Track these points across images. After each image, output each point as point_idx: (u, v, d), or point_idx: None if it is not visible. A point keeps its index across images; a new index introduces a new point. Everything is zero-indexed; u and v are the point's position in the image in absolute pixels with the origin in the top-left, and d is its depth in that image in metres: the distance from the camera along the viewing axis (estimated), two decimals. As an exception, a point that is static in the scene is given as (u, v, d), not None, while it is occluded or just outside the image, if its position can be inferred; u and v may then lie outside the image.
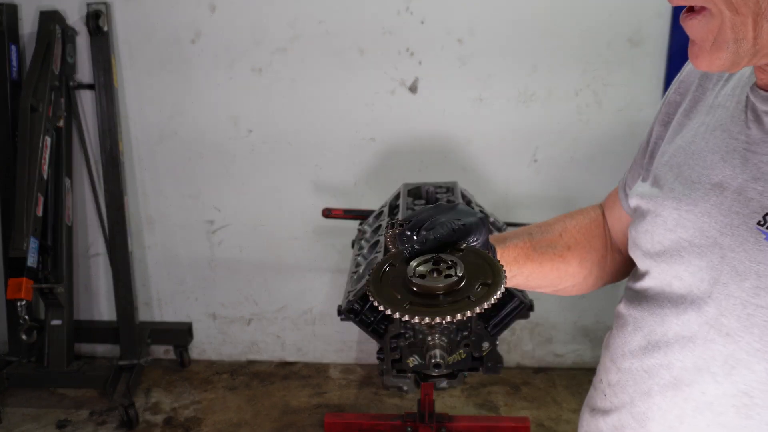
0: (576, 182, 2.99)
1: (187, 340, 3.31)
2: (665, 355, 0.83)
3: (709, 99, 0.88)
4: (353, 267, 2.10)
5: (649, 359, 0.85)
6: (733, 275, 0.75)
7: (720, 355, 0.77)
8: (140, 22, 2.96)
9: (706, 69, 0.75)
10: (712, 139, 0.83)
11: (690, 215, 0.81)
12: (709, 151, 0.82)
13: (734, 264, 0.75)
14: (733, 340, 0.75)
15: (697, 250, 0.79)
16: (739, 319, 0.75)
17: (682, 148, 0.87)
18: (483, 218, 0.88)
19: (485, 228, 0.87)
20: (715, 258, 0.77)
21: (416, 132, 2.99)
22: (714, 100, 0.86)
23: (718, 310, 0.77)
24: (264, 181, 3.12)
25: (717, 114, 0.84)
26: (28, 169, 2.72)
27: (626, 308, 0.94)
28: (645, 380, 0.86)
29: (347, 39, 2.90)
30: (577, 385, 3.12)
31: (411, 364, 1.92)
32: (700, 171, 0.82)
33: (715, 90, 0.88)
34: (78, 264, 3.23)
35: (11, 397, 3.10)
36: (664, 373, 0.83)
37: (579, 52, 2.84)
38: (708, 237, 0.78)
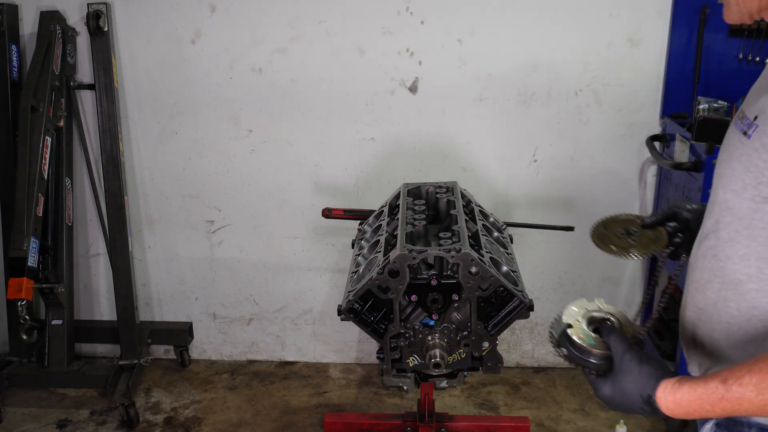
0: (576, 182, 2.99)
1: (187, 340, 3.32)
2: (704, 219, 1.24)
3: None
4: (353, 267, 2.10)
5: None
6: (722, 153, 1.18)
7: (711, 199, 1.19)
8: (140, 22, 2.97)
9: (727, 21, 1.19)
10: None
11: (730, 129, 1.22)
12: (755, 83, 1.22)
13: (724, 144, 1.19)
14: (713, 187, 1.18)
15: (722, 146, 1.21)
16: (716, 171, 1.18)
17: None
18: None
19: None
20: (723, 146, 1.20)
21: (416, 132, 3.00)
22: None
23: (715, 175, 1.19)
24: (264, 181, 3.13)
25: None
26: (28, 169, 2.73)
27: None
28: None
29: (347, 39, 2.90)
30: (577, 385, 3.12)
31: (411, 364, 1.92)
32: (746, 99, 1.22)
33: None
34: (78, 264, 3.23)
35: (12, 396, 3.10)
36: (705, 221, 1.22)
37: (579, 52, 2.84)
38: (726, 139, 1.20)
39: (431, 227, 2.11)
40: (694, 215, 1.40)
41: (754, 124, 1.08)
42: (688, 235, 1.40)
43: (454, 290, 1.85)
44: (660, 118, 2.88)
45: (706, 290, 1.18)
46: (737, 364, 1.00)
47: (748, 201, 1.09)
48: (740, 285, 1.11)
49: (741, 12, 1.17)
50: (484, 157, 3.00)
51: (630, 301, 3.15)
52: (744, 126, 1.11)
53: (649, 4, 2.76)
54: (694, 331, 1.22)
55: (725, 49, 2.73)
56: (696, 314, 1.21)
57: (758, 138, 1.06)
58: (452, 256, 1.78)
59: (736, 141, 1.13)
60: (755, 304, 1.09)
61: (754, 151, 1.07)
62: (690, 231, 1.41)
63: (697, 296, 1.21)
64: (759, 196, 1.07)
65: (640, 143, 2.90)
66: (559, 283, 3.16)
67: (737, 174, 1.11)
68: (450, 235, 1.89)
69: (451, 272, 1.86)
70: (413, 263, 1.79)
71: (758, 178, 1.06)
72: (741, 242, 1.11)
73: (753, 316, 1.10)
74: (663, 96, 2.85)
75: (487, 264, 1.81)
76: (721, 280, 1.14)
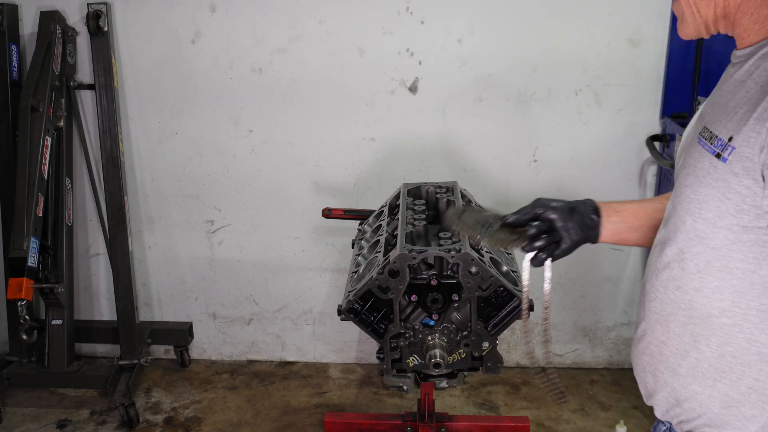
0: (576, 182, 2.99)
1: (187, 340, 3.32)
2: (658, 233, 1.18)
3: None
4: (353, 267, 2.10)
5: (656, 238, 1.19)
6: (682, 168, 1.11)
7: (672, 225, 1.10)
8: (140, 22, 2.97)
9: (683, 37, 1.20)
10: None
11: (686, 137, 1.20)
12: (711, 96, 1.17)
13: (684, 160, 1.11)
14: (676, 212, 1.10)
15: (680, 158, 1.16)
16: (677, 196, 1.09)
17: None
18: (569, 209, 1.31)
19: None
20: (683, 158, 1.13)
21: (416, 132, 3.00)
22: None
23: (674, 192, 1.12)
24: (264, 181, 3.13)
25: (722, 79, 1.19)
26: (28, 169, 2.72)
27: None
28: (650, 254, 1.20)
29: (347, 39, 2.90)
30: (577, 385, 3.12)
31: (411, 364, 1.93)
32: (700, 108, 1.19)
33: None
34: (78, 264, 3.23)
35: (11, 396, 3.10)
36: (657, 246, 1.16)
37: (579, 52, 2.84)
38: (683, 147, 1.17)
39: (431, 227, 2.11)
40: (560, 215, 1.27)
41: (729, 146, 0.99)
42: (552, 237, 1.27)
43: (454, 290, 1.85)
44: (660, 118, 2.88)
45: (669, 323, 1.11)
46: None
47: (724, 230, 1.01)
48: (710, 319, 1.05)
49: (697, 24, 1.13)
50: (484, 157, 3.00)
51: (630, 301, 3.15)
52: (715, 147, 1.02)
53: (649, 4, 2.76)
54: (656, 366, 1.15)
55: (725, 49, 2.70)
56: (658, 348, 1.14)
57: (737, 162, 0.98)
58: (452, 256, 1.78)
59: (707, 164, 1.02)
60: (728, 340, 1.04)
61: (734, 176, 0.98)
62: (554, 232, 1.27)
63: (657, 329, 1.13)
64: (738, 225, 0.99)
65: (640, 143, 2.90)
66: (559, 283, 3.16)
67: (711, 201, 1.02)
68: (450, 235, 1.89)
69: (451, 272, 1.86)
70: (413, 263, 1.79)
71: (739, 205, 0.99)
72: (713, 274, 1.04)
73: (725, 353, 1.04)
74: (663, 96, 2.85)
75: (487, 264, 1.81)
76: (687, 313, 1.08)
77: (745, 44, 1.07)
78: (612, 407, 2.96)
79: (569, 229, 1.28)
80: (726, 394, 1.06)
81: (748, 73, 1.03)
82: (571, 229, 1.28)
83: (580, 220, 1.28)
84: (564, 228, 1.27)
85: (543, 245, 1.28)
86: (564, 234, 1.27)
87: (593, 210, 1.31)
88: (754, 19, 1.05)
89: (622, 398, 3.01)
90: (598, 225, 1.30)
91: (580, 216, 1.29)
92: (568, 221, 1.28)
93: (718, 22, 1.11)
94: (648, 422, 2.83)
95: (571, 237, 1.28)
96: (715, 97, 1.11)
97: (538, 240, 1.28)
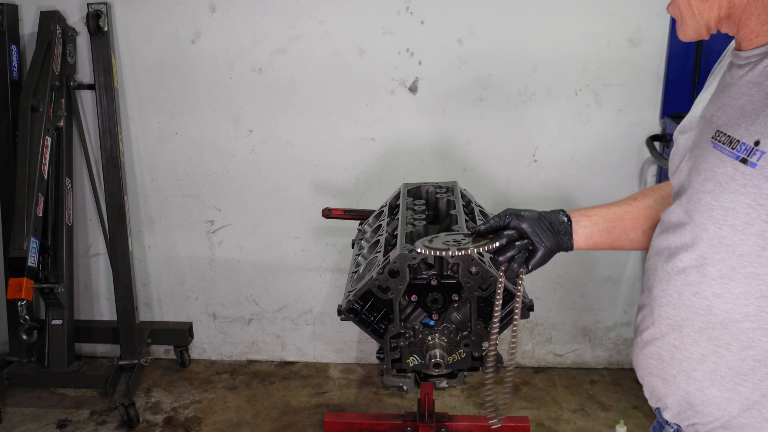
0: (576, 182, 2.99)
1: (187, 340, 3.32)
2: (666, 239, 1.14)
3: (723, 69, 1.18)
4: (353, 267, 2.10)
5: (659, 243, 1.17)
6: (695, 173, 1.08)
7: (688, 232, 1.08)
8: (140, 22, 2.97)
9: (682, 39, 1.16)
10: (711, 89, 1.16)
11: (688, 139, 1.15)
12: (707, 95, 1.15)
13: (696, 165, 1.08)
14: (692, 219, 1.07)
15: (685, 161, 1.13)
16: (694, 203, 1.07)
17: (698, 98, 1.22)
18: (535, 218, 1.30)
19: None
20: (691, 163, 1.10)
21: (416, 132, 3.00)
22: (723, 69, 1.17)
23: (687, 199, 1.09)
24: (264, 181, 3.13)
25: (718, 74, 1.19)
26: (28, 169, 2.72)
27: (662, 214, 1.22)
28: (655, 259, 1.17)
29: (347, 39, 2.90)
30: (576, 385, 3.12)
31: (411, 364, 1.93)
32: (699, 109, 1.16)
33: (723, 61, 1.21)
34: (78, 264, 3.23)
35: (11, 396, 3.10)
36: (664, 252, 1.14)
37: (579, 52, 2.84)
38: (690, 150, 1.12)
39: (431, 227, 2.11)
40: (529, 222, 1.27)
41: (758, 150, 0.97)
42: (524, 246, 1.27)
43: (454, 290, 1.85)
44: (660, 118, 2.88)
45: (683, 328, 1.10)
46: None
47: (755, 237, 0.99)
48: (733, 324, 1.04)
49: (697, 26, 1.11)
50: (484, 157, 3.00)
51: (630, 301, 3.15)
52: (739, 152, 0.99)
53: (649, 4, 2.76)
54: (666, 371, 1.14)
55: (725, 49, 2.72)
56: (669, 353, 1.13)
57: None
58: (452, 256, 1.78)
59: (730, 170, 1.00)
60: (752, 344, 1.03)
61: (766, 181, 0.96)
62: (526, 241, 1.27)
63: (670, 334, 1.13)
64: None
65: (640, 143, 2.90)
66: (559, 283, 3.16)
67: (739, 207, 1.00)
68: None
69: (451, 272, 1.86)
70: (413, 263, 1.79)
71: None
72: (737, 280, 1.02)
73: (748, 356, 1.04)
74: (663, 96, 2.85)
75: (487, 264, 1.81)
76: (705, 318, 1.07)
77: (752, 45, 1.05)
78: (612, 407, 2.96)
79: (540, 236, 1.27)
80: (747, 396, 1.05)
81: (764, 75, 1.01)
82: (542, 236, 1.27)
83: (549, 226, 1.29)
84: (534, 234, 1.27)
85: (514, 254, 1.26)
86: (535, 240, 1.27)
87: (563, 216, 1.31)
88: (762, 20, 1.03)
89: (622, 398, 3.01)
90: (569, 230, 1.31)
91: (549, 222, 1.29)
92: (536, 227, 1.27)
93: (721, 23, 1.09)
94: (648, 422, 2.83)
95: (543, 244, 1.28)
96: (723, 99, 1.08)
97: (509, 249, 1.26)
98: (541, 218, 1.29)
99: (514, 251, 1.26)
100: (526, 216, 1.28)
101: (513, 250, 1.26)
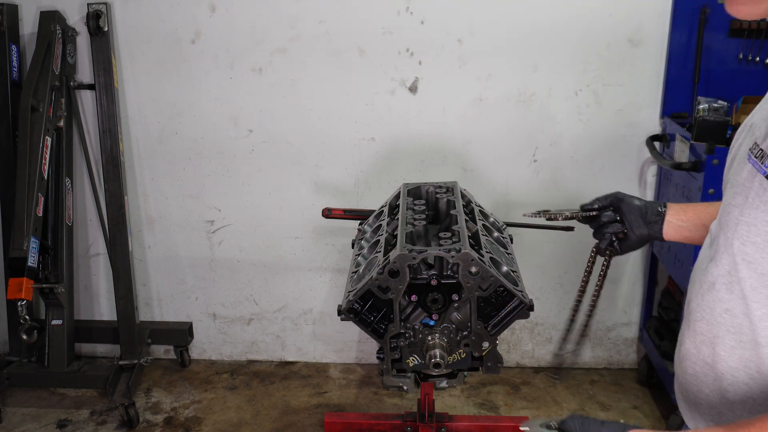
0: (576, 182, 2.99)
1: (187, 340, 3.32)
2: (703, 250, 1.15)
3: None
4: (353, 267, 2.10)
5: (701, 254, 1.17)
6: (729, 185, 1.06)
7: (721, 245, 1.05)
8: (140, 22, 2.96)
9: (736, 15, 0.97)
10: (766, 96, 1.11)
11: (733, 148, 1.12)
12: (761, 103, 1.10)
13: (732, 177, 1.06)
14: (722, 232, 1.05)
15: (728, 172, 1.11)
16: (725, 215, 1.04)
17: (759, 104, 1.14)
18: None
19: None
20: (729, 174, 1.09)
21: (416, 132, 3.00)
22: None
23: (722, 210, 1.07)
24: (264, 181, 3.12)
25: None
26: (28, 169, 2.73)
27: None
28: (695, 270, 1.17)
29: (347, 39, 2.90)
30: (576, 385, 3.12)
31: (411, 364, 1.92)
32: (748, 118, 1.11)
33: None
34: (78, 264, 3.23)
35: (11, 396, 3.10)
36: (702, 263, 1.13)
37: (579, 52, 2.84)
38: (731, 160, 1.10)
39: (431, 227, 2.11)
40: (628, 210, 1.42)
41: None
42: (617, 227, 1.43)
43: (454, 290, 1.85)
44: (660, 118, 2.88)
45: (716, 346, 1.06)
46: (742, 422, 0.92)
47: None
48: (759, 348, 0.99)
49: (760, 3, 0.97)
50: (484, 157, 3.00)
51: (630, 301, 3.15)
52: (766, 168, 0.94)
53: (649, 4, 2.76)
54: (699, 388, 1.10)
55: (725, 49, 2.73)
56: (702, 370, 1.09)
57: None
58: (452, 256, 1.78)
59: (757, 185, 0.95)
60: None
61: None
62: (622, 224, 1.43)
63: (703, 350, 1.08)
64: None
65: (640, 143, 2.90)
66: (559, 283, 3.16)
67: (761, 225, 0.95)
68: (450, 235, 1.89)
69: (451, 272, 1.86)
70: (413, 263, 1.79)
71: None
72: (760, 301, 0.98)
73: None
74: (663, 96, 2.85)
75: (487, 264, 1.81)
76: (736, 338, 1.02)
77: None
78: (612, 407, 2.96)
79: (632, 223, 1.40)
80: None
81: None
82: (634, 224, 1.40)
83: (645, 215, 1.40)
84: (628, 221, 1.40)
85: (614, 231, 1.42)
86: (628, 226, 1.40)
87: (660, 208, 1.40)
88: None
89: (622, 398, 3.01)
90: (661, 221, 1.39)
91: (645, 212, 1.40)
92: (632, 215, 1.40)
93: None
94: (648, 422, 2.83)
95: (634, 231, 1.40)
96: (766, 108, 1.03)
97: (610, 226, 1.43)
98: (640, 207, 1.40)
99: (612, 229, 1.42)
100: (626, 201, 1.42)
101: (609, 228, 1.43)
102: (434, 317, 1.88)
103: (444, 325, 1.88)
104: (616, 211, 1.43)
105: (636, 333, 3.20)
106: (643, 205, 1.40)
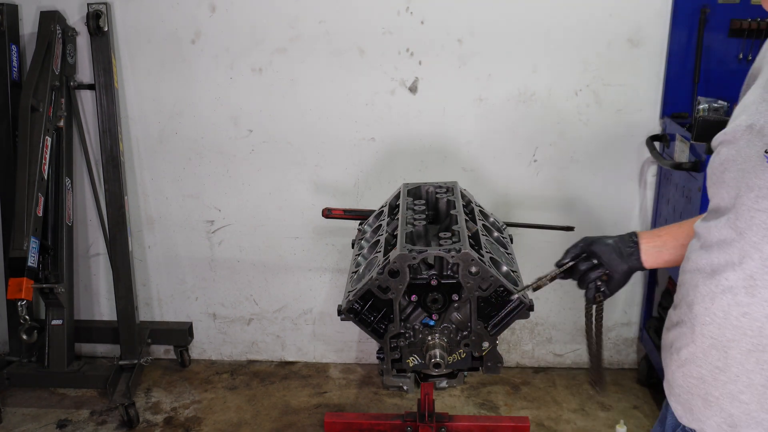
0: (576, 182, 2.99)
1: (187, 340, 3.32)
2: (708, 255, 1.11)
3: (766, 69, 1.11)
4: (353, 267, 2.10)
5: (698, 258, 1.14)
6: (745, 189, 1.03)
7: (737, 250, 1.05)
8: (140, 22, 2.97)
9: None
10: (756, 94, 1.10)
11: (732, 149, 1.08)
12: (752, 102, 1.09)
13: (746, 180, 1.03)
14: (743, 237, 1.04)
15: (730, 174, 1.07)
16: (746, 220, 1.03)
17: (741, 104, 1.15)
18: None
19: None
20: (738, 176, 1.05)
21: (416, 132, 3.00)
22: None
23: (735, 215, 1.05)
24: (264, 181, 3.13)
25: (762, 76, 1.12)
26: (28, 169, 2.73)
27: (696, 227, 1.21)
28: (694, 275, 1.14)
29: (347, 39, 2.90)
30: (577, 385, 3.12)
31: (411, 364, 1.92)
32: (744, 118, 1.08)
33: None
34: (78, 264, 3.23)
35: (11, 397, 3.10)
36: (706, 268, 1.11)
37: (579, 52, 2.84)
38: (736, 163, 1.06)
39: (431, 227, 2.11)
40: (603, 252, 1.40)
41: None
42: (598, 272, 1.41)
43: (454, 290, 1.85)
44: (660, 118, 2.88)
45: (729, 349, 1.07)
46: None
47: None
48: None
49: None
50: (484, 157, 3.00)
51: (630, 301, 3.15)
52: None
53: (649, 4, 2.76)
54: (708, 391, 1.11)
55: (725, 49, 2.73)
56: (711, 374, 1.10)
57: None
58: (452, 256, 1.78)
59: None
60: None
61: None
62: (602, 266, 1.41)
63: (713, 353, 1.09)
64: None
65: (640, 143, 2.90)
66: (559, 283, 3.14)
67: None
68: (450, 235, 1.89)
69: (451, 272, 1.86)
70: (413, 263, 1.79)
71: None
72: None
73: None
74: (663, 96, 2.85)
75: (487, 264, 1.81)
76: (754, 341, 1.04)
77: None
78: (612, 407, 2.96)
79: (612, 263, 1.39)
80: None
81: None
82: (613, 262, 1.39)
83: (619, 252, 1.39)
84: (607, 262, 1.39)
85: (596, 276, 1.41)
86: (609, 267, 1.39)
87: (631, 240, 1.40)
88: None
89: (622, 398, 3.02)
90: (636, 252, 1.39)
91: (619, 248, 1.39)
92: (608, 255, 1.39)
93: None
94: (648, 422, 2.83)
95: (615, 270, 1.39)
96: None
97: (591, 272, 1.41)
98: (612, 245, 1.40)
99: (596, 274, 1.41)
100: (597, 243, 1.41)
101: (591, 275, 1.41)
102: (434, 317, 1.88)
103: (444, 325, 1.88)
104: (591, 256, 1.42)
105: (636, 333, 3.20)
106: (614, 242, 1.40)
